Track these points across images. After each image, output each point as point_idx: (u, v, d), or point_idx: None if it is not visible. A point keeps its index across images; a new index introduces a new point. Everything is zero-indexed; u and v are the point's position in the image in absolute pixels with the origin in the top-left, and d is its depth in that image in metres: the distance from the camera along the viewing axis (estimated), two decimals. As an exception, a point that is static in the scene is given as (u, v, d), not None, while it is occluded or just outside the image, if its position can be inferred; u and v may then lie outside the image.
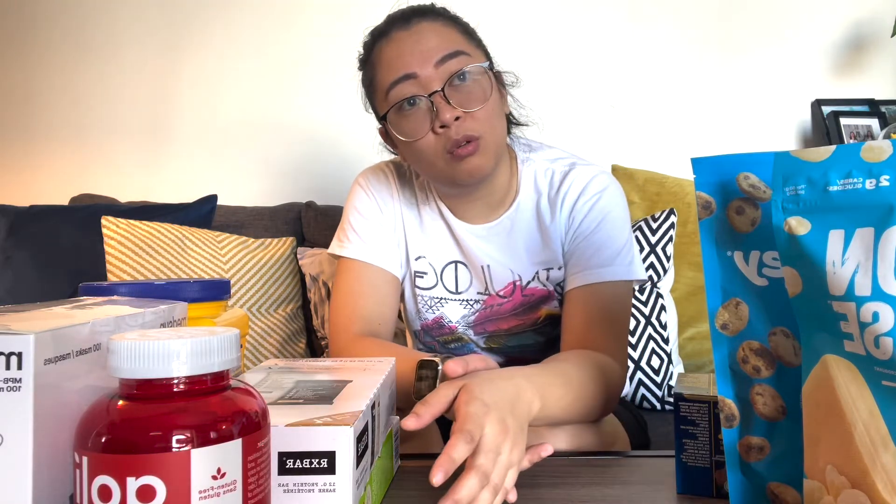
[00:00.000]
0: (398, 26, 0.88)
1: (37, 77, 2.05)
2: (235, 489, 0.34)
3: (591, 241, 0.91)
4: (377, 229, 0.98)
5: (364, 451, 0.49)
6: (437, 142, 0.85)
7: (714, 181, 0.50)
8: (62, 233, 1.66)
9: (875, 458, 0.40)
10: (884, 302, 0.39)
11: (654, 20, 1.98)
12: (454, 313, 1.00)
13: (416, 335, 1.07)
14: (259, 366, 0.65)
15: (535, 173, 0.97)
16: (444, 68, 0.84)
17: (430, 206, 0.99)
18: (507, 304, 0.98)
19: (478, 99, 0.85)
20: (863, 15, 1.97)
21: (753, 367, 0.50)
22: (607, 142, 1.95)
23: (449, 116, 0.83)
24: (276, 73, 2.01)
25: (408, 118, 0.86)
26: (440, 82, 0.84)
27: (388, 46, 0.87)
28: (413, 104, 0.85)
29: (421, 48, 0.85)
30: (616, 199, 0.94)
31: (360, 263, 0.96)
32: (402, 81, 0.85)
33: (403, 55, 0.85)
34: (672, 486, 0.60)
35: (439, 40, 0.86)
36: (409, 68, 0.84)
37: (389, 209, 1.00)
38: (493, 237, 0.96)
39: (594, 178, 0.94)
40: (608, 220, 0.91)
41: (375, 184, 1.01)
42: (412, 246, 1.00)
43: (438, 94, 0.83)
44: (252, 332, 1.58)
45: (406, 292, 1.02)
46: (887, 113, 1.92)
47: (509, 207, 0.96)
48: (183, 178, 2.01)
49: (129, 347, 0.33)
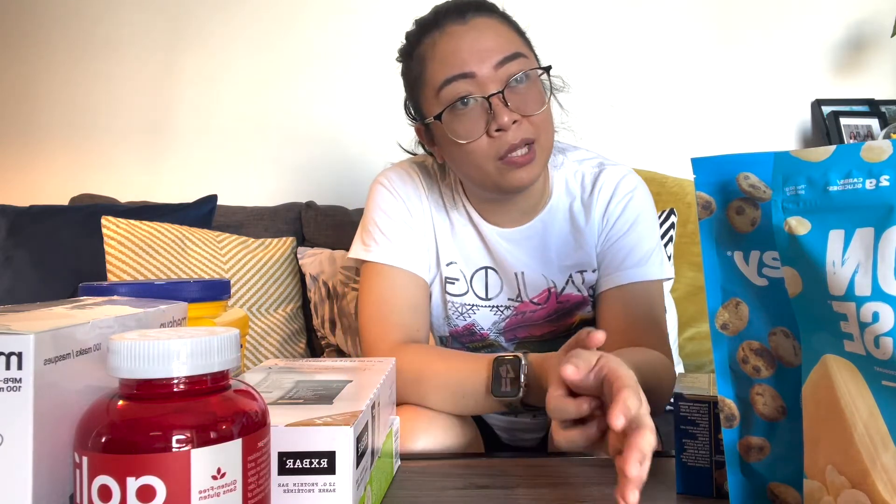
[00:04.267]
0: (453, 19, 0.83)
1: (37, 77, 2.04)
2: (235, 489, 0.34)
3: (624, 242, 0.90)
4: (406, 231, 0.92)
5: (364, 451, 0.49)
6: (491, 146, 0.81)
7: (714, 181, 0.50)
8: (62, 233, 1.66)
9: (875, 458, 0.40)
10: (884, 302, 0.39)
11: (654, 20, 1.98)
12: (486, 320, 0.97)
13: (441, 340, 1.03)
14: (259, 366, 0.65)
15: (566, 176, 0.95)
16: (503, 70, 0.81)
17: (458, 209, 0.95)
18: (541, 311, 0.95)
19: (536, 103, 0.82)
20: (863, 15, 1.97)
21: (753, 367, 0.50)
22: (607, 142, 1.95)
23: (507, 120, 0.79)
24: (276, 72, 2.01)
25: (461, 118, 0.82)
26: (499, 84, 0.80)
27: (443, 40, 0.83)
28: (466, 104, 0.81)
29: (479, 46, 0.81)
30: (646, 199, 0.93)
31: (389, 268, 0.90)
32: (458, 79, 0.81)
33: (461, 52, 0.81)
34: (672, 486, 0.60)
35: (498, 40, 0.82)
36: (467, 67, 0.80)
37: (419, 212, 0.94)
38: (524, 241, 0.94)
39: (624, 177, 0.93)
40: (640, 221, 0.91)
41: (400, 184, 0.95)
42: (443, 251, 0.95)
43: (497, 97, 0.79)
44: (252, 332, 1.58)
45: (434, 298, 0.97)
46: (887, 113, 1.92)
47: (542, 211, 0.94)
48: (183, 178, 2.01)
49: (129, 347, 0.33)
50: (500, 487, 0.61)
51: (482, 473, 0.65)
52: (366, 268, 0.93)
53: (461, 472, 0.65)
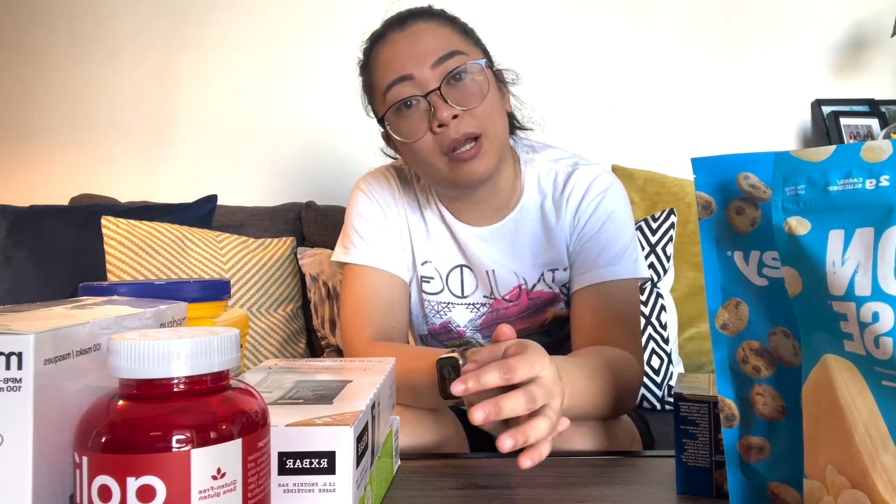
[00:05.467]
0: (394, 28, 0.88)
1: (37, 77, 2.04)
2: (235, 489, 0.34)
3: (596, 241, 0.91)
4: (383, 233, 0.97)
5: (364, 451, 0.49)
6: (436, 142, 0.84)
7: (714, 181, 0.50)
8: (62, 233, 1.66)
9: (875, 458, 0.40)
10: (884, 302, 0.39)
11: (654, 20, 1.98)
12: (461, 317, 0.99)
13: (421, 339, 1.06)
14: (259, 366, 0.65)
15: (538, 174, 0.96)
16: (440, 68, 0.84)
17: (431, 209, 0.98)
18: (514, 308, 0.97)
19: (476, 96, 0.84)
20: (863, 15, 1.97)
21: (753, 367, 0.50)
22: (607, 142, 1.95)
23: (447, 115, 0.82)
24: (276, 72, 2.01)
25: (406, 119, 0.86)
26: (437, 82, 0.83)
27: (385, 49, 0.87)
28: (410, 105, 0.85)
29: (417, 49, 0.85)
30: (619, 198, 0.94)
31: (368, 269, 0.95)
32: (398, 83, 0.85)
33: (400, 57, 0.85)
34: (672, 486, 0.60)
35: (435, 41, 0.85)
36: (405, 70, 0.84)
37: (394, 213, 0.98)
38: (496, 240, 0.96)
39: (597, 177, 0.94)
40: (613, 220, 0.91)
41: (377, 188, 0.99)
42: (418, 250, 0.98)
43: (435, 94, 0.83)
44: (252, 332, 1.58)
45: (413, 297, 1.01)
46: (887, 113, 1.92)
47: (513, 209, 0.95)
48: (183, 178, 2.01)
49: (129, 347, 0.33)
50: (500, 487, 0.61)
51: (482, 473, 0.65)
52: (347, 270, 0.97)
53: (461, 472, 0.65)
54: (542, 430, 0.55)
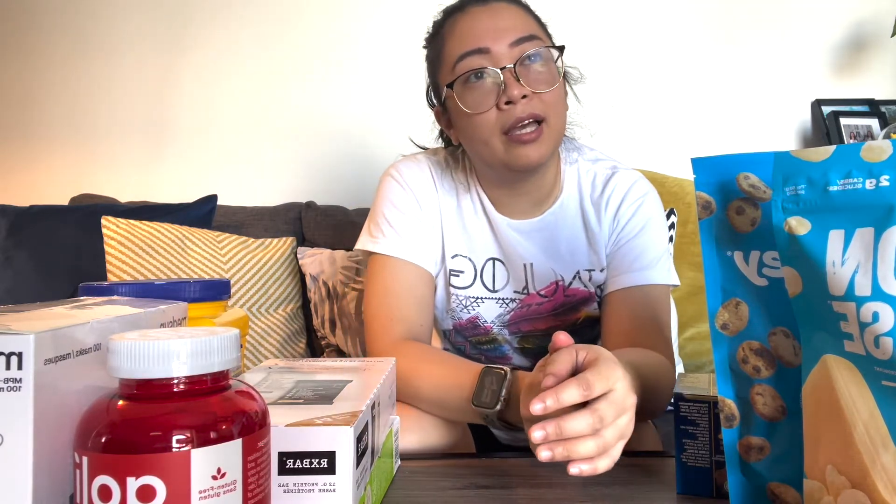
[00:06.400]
0: (475, 2, 0.87)
1: (37, 77, 2.04)
2: (235, 489, 0.34)
3: (633, 245, 0.91)
4: (414, 224, 0.93)
5: (364, 451, 0.49)
6: (499, 119, 0.83)
7: (714, 181, 0.50)
8: (62, 233, 1.66)
9: (875, 458, 0.40)
10: (884, 302, 0.39)
11: (654, 20, 1.98)
12: (490, 313, 0.97)
13: (445, 335, 1.03)
14: (259, 366, 0.65)
15: (578, 173, 0.96)
16: (518, 49, 0.83)
17: (471, 197, 0.96)
18: (548, 304, 0.96)
19: (547, 82, 0.84)
20: (863, 15, 1.97)
21: (753, 367, 0.50)
22: (607, 142, 1.95)
23: (517, 93, 0.81)
24: (276, 72, 2.01)
25: (473, 90, 0.84)
26: (512, 60, 0.82)
27: (463, 19, 0.86)
28: (481, 77, 0.83)
29: (497, 25, 0.84)
30: (656, 205, 0.94)
31: (398, 260, 0.91)
32: (473, 54, 0.83)
33: (478, 30, 0.84)
34: (672, 486, 0.60)
35: (516, 21, 0.85)
36: (482, 42, 0.83)
37: (428, 203, 0.95)
38: (535, 234, 0.94)
39: (635, 182, 0.94)
40: (650, 225, 0.92)
41: (411, 176, 0.95)
42: (449, 243, 0.95)
43: (509, 70, 0.82)
44: (252, 332, 1.58)
45: (438, 291, 0.97)
46: (887, 113, 1.91)
47: (552, 205, 0.94)
48: (183, 178, 2.01)
49: (129, 347, 0.33)
50: (500, 487, 0.61)
51: (482, 473, 0.65)
52: (373, 260, 0.93)
53: (461, 472, 0.65)
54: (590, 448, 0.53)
